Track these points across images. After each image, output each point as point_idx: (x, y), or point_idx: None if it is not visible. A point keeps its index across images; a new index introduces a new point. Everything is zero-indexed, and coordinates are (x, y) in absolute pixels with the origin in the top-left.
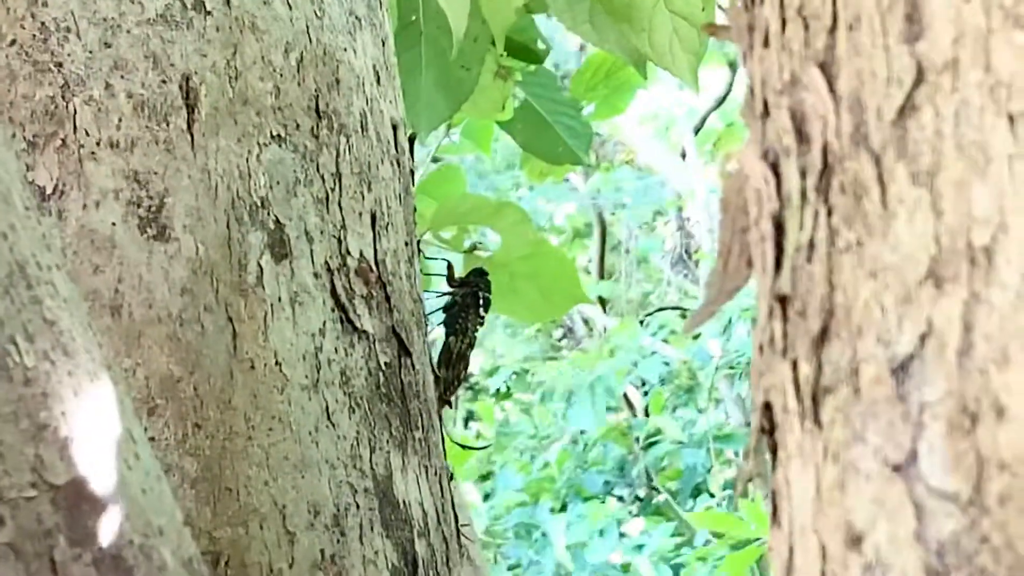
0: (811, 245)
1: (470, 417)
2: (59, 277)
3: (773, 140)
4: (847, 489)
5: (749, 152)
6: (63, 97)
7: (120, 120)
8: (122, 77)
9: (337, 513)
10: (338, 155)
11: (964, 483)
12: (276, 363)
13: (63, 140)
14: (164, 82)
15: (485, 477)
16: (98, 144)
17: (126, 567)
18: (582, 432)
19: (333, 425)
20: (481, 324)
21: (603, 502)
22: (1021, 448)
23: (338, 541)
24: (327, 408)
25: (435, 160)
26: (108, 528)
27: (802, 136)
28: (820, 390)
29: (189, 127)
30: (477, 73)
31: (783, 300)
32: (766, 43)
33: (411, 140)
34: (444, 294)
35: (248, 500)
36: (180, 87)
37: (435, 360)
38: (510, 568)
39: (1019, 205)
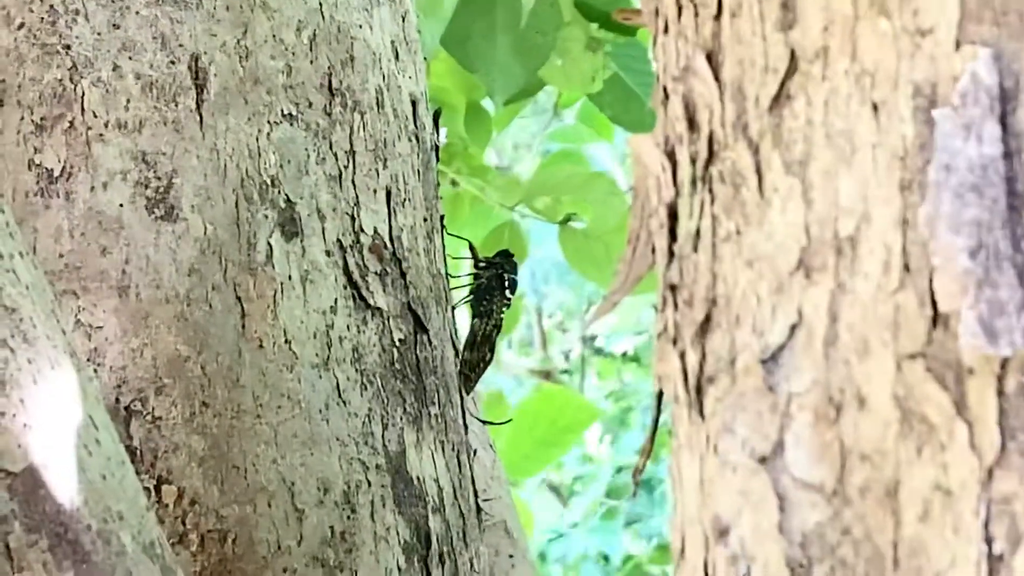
0: (697, 234)
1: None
2: (21, 264)
3: (670, 127)
4: (716, 481)
5: (648, 140)
6: (71, 79)
7: (128, 101)
8: (130, 58)
9: (347, 490)
10: (352, 132)
11: (828, 474)
12: (286, 341)
13: (71, 122)
14: (173, 63)
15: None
16: (106, 125)
17: (83, 552)
18: None
19: (344, 402)
20: (508, 306)
21: None
22: (880, 439)
23: (348, 518)
24: (338, 385)
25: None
26: (65, 514)
27: (692, 124)
28: (704, 380)
29: (198, 107)
30: (553, 38)
31: (674, 289)
32: (666, 29)
33: (436, 116)
34: (469, 274)
35: (256, 478)
36: (189, 67)
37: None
38: (628, 524)
39: (882, 195)
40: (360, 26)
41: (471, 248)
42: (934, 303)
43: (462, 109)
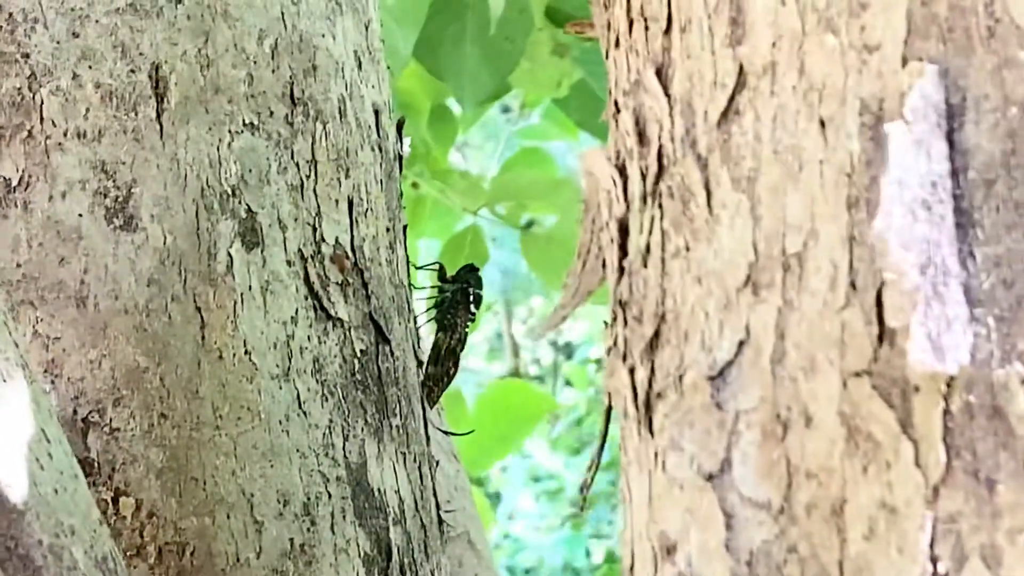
0: (647, 249)
1: (568, 383)
2: None
3: (621, 142)
4: (664, 498)
5: (600, 154)
6: (30, 88)
7: (88, 110)
8: (90, 67)
9: (307, 502)
10: (314, 142)
11: (775, 492)
12: (246, 352)
13: (29, 131)
14: (133, 71)
15: (577, 451)
16: (65, 135)
17: (34, 567)
18: None
19: (305, 414)
20: (472, 321)
21: None
22: (826, 456)
23: (308, 530)
24: (299, 397)
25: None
26: (16, 528)
27: (643, 139)
28: (652, 396)
29: (158, 116)
30: (522, 45)
31: (623, 304)
32: (617, 43)
33: (399, 125)
34: (434, 287)
35: (215, 490)
36: (149, 76)
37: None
38: (594, 536)
39: (829, 211)
40: (323, 35)
41: (439, 266)
42: (880, 320)
43: (426, 111)
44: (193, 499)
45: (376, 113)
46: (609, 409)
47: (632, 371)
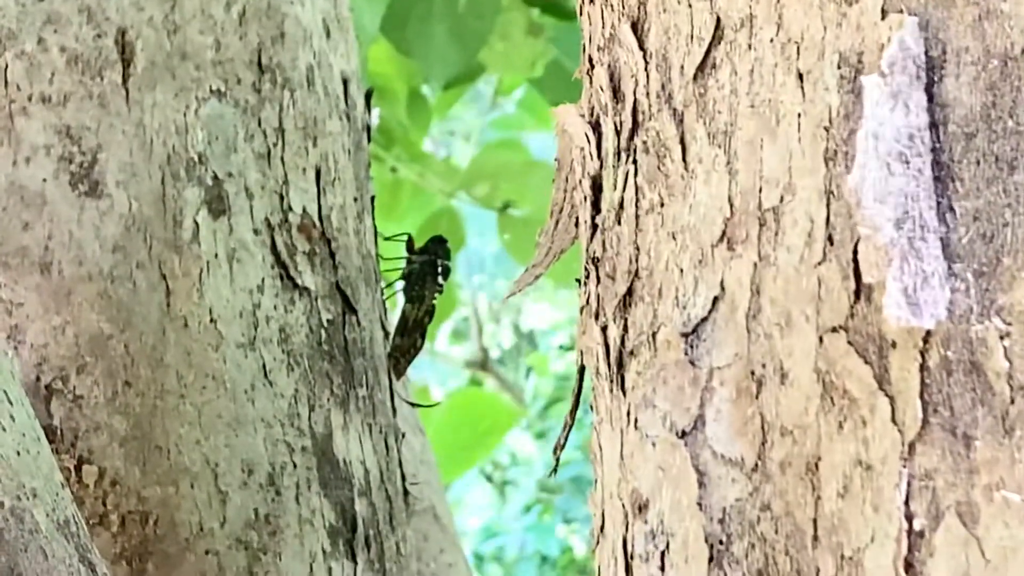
0: (620, 205)
1: (530, 371)
2: None
3: (595, 98)
4: (636, 456)
5: (572, 110)
6: None
7: (53, 75)
8: (55, 31)
9: (272, 472)
10: (281, 110)
11: (749, 449)
12: (211, 320)
13: None
14: (99, 36)
15: (541, 435)
16: (29, 99)
17: None
18: None
19: (270, 383)
20: (440, 292)
21: None
22: (801, 413)
23: (273, 500)
24: (264, 366)
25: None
26: None
27: (617, 94)
28: (625, 354)
29: (124, 82)
30: (491, 22)
31: (596, 262)
32: None
33: (367, 96)
34: (401, 257)
35: (179, 459)
36: (116, 41)
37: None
38: (565, 521)
39: (806, 165)
40: (291, 3)
41: (408, 239)
42: (857, 276)
43: (403, 95)
44: (157, 468)
45: (345, 82)
46: (582, 369)
47: (604, 329)
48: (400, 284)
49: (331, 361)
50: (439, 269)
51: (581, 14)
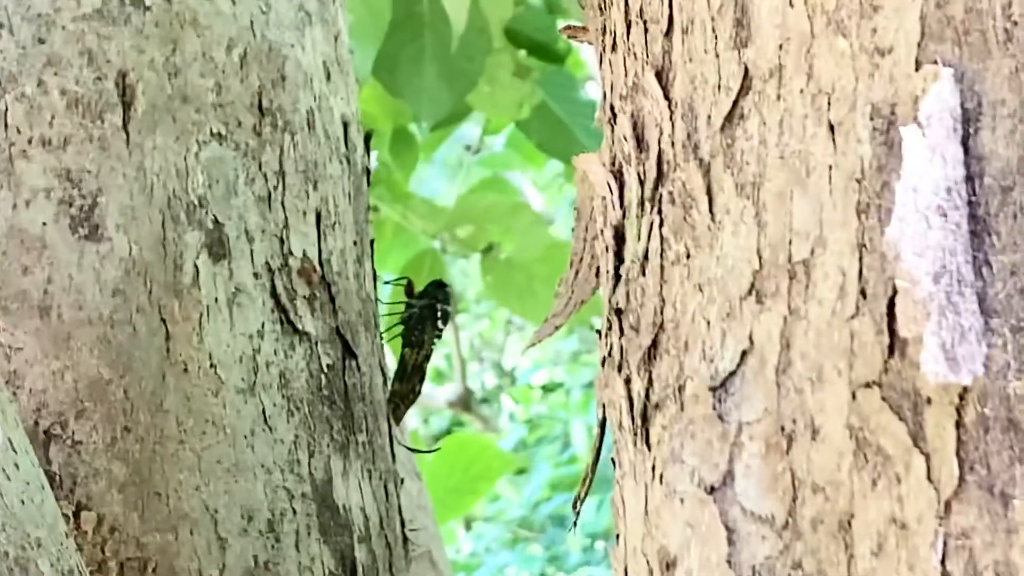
0: (645, 256)
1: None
2: None
3: (617, 147)
4: (663, 512)
5: (595, 159)
6: None
7: (53, 117)
8: (56, 74)
9: (272, 519)
10: (282, 153)
11: (779, 506)
12: (211, 365)
13: None
14: (99, 79)
15: (520, 471)
16: (30, 142)
17: None
18: None
19: (270, 429)
20: (439, 337)
21: None
22: (833, 470)
23: (272, 547)
24: (264, 411)
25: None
26: None
27: (641, 143)
28: (650, 408)
29: (125, 125)
30: (481, 64)
31: (619, 313)
32: (614, 47)
33: (367, 138)
34: (402, 303)
35: (178, 505)
36: (116, 84)
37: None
38: (551, 560)
39: (838, 218)
40: (292, 45)
41: (408, 283)
42: (891, 330)
43: (388, 134)
44: (156, 514)
45: (345, 125)
46: (603, 422)
47: (628, 381)
48: (400, 328)
49: (331, 406)
50: (439, 313)
51: (601, 63)
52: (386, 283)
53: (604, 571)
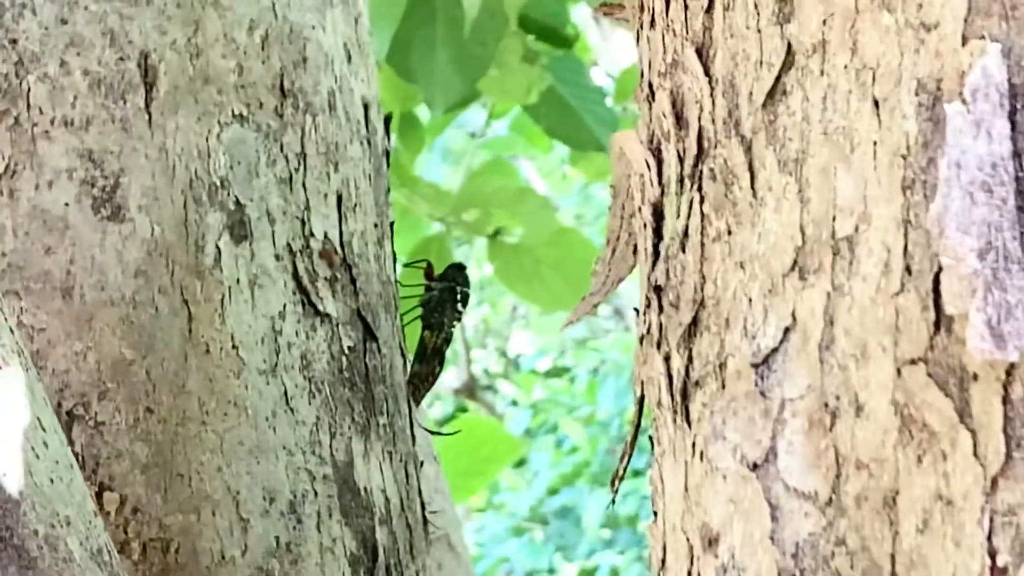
0: (685, 233)
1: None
2: None
3: (656, 124)
4: (704, 488)
5: (632, 137)
6: (16, 75)
7: (75, 98)
8: (78, 54)
9: (294, 500)
10: (303, 134)
11: (822, 483)
12: (233, 346)
13: (16, 118)
14: (122, 59)
15: (519, 464)
16: (52, 122)
17: (29, 558)
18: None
19: (292, 410)
20: (459, 319)
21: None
22: (878, 446)
23: (294, 528)
24: (286, 393)
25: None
26: (11, 518)
27: (680, 120)
28: (690, 385)
29: (147, 105)
30: (493, 50)
31: (659, 290)
32: (652, 24)
33: (387, 121)
34: (420, 285)
35: (200, 486)
36: (138, 65)
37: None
38: (558, 549)
39: (883, 194)
40: (313, 27)
41: (428, 266)
42: (937, 306)
43: (394, 119)
44: (178, 495)
45: (365, 107)
46: (642, 399)
47: (667, 359)
48: (420, 310)
49: (352, 388)
50: (458, 296)
51: (639, 40)
52: (406, 266)
53: (614, 555)
